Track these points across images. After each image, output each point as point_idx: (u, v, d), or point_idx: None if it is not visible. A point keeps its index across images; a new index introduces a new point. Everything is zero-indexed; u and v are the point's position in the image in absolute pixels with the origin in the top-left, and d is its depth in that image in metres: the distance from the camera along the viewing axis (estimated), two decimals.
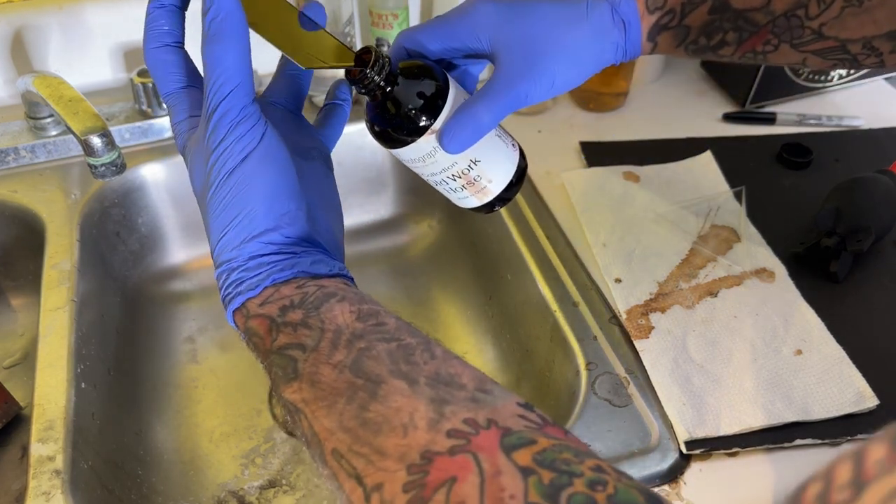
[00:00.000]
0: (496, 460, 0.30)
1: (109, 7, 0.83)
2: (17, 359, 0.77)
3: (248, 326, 0.40)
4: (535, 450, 0.30)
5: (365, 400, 0.35)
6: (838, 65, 0.48)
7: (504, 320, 0.80)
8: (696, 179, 0.80)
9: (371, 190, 0.92)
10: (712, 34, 0.48)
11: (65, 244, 0.73)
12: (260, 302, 0.40)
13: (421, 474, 0.31)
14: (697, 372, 0.61)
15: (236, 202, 0.41)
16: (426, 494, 0.30)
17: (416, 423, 0.33)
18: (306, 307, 0.39)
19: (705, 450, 0.56)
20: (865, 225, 0.70)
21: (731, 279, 0.69)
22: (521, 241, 0.74)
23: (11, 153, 0.81)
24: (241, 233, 0.41)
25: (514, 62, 0.45)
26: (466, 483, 0.30)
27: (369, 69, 0.41)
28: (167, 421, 0.75)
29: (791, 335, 0.64)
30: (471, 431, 0.32)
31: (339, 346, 0.37)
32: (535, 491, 0.29)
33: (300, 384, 0.37)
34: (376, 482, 0.32)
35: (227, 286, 0.41)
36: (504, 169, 0.47)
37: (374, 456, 0.33)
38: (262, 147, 0.40)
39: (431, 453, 0.32)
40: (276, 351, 0.38)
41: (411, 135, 0.43)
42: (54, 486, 0.55)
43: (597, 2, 0.47)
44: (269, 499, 0.69)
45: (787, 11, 0.47)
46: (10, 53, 0.82)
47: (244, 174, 0.40)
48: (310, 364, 0.37)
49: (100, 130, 0.65)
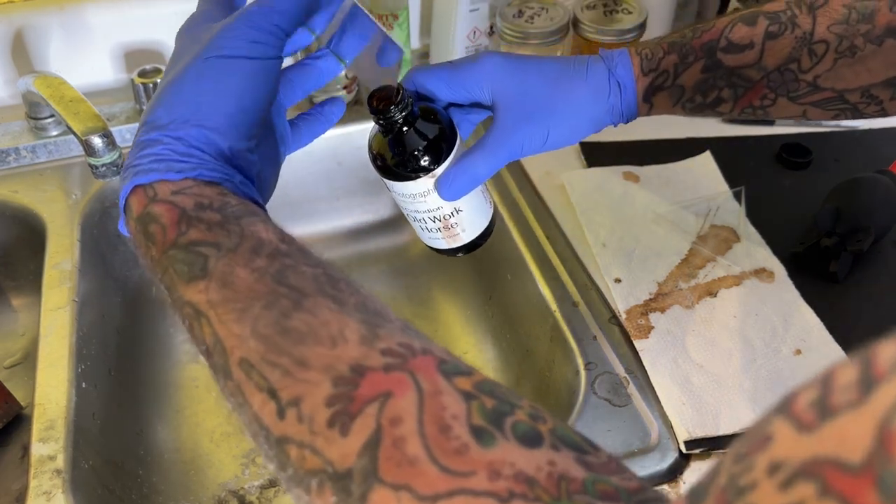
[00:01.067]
0: (436, 380, 0.28)
1: (110, 7, 0.83)
2: (17, 359, 0.77)
3: (147, 211, 0.36)
4: (474, 379, 0.29)
5: (287, 308, 0.31)
6: (840, 115, 0.48)
7: (504, 320, 0.80)
8: (695, 179, 0.80)
9: (371, 190, 0.92)
10: (707, 92, 0.48)
11: (66, 244, 0.73)
12: (175, 189, 0.36)
13: (349, 387, 0.28)
14: (697, 372, 0.61)
15: (214, 87, 0.37)
16: (353, 409, 0.28)
17: (347, 336, 0.30)
18: (226, 214, 0.35)
19: (705, 449, 0.56)
20: (865, 225, 0.70)
21: (730, 279, 0.69)
22: (521, 241, 0.74)
23: (12, 153, 0.81)
24: (197, 116, 0.37)
25: (511, 115, 0.46)
26: (403, 399, 0.28)
27: (394, 106, 0.43)
28: (168, 421, 0.75)
29: (790, 335, 0.64)
30: (407, 353, 0.30)
31: (260, 254, 0.33)
32: (478, 414, 0.27)
33: (208, 283, 0.33)
34: (294, 395, 0.29)
35: (144, 155, 0.37)
36: (479, 223, 0.49)
37: (293, 367, 0.30)
38: (268, 67, 0.39)
39: (363, 368, 0.29)
40: (183, 246, 0.34)
41: (412, 173, 0.45)
42: (55, 486, 0.55)
43: (596, 64, 0.48)
44: (270, 498, 0.69)
45: (779, 66, 0.47)
46: (10, 53, 0.82)
47: (240, 70, 0.38)
48: (223, 264, 0.33)
49: (101, 131, 0.65)
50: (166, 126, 0.37)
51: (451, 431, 0.26)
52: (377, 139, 0.46)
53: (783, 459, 0.18)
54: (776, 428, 0.19)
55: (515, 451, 0.26)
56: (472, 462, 0.26)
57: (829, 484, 0.16)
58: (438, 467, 0.26)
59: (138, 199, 0.37)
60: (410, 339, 0.31)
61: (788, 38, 0.46)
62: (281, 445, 0.29)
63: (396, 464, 0.26)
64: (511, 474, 0.25)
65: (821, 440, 0.17)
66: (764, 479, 0.18)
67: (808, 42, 0.46)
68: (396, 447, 0.26)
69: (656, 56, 0.48)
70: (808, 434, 0.17)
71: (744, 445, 0.19)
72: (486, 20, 0.87)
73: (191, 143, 0.37)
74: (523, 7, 0.84)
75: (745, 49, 0.47)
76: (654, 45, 0.49)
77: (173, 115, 0.37)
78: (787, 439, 0.18)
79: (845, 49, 0.45)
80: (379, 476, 0.26)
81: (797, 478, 0.17)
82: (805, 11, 0.46)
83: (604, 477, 0.26)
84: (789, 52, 0.46)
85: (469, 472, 0.26)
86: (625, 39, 0.82)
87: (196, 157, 0.37)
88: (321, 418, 0.28)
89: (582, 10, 0.83)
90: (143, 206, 0.36)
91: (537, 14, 0.83)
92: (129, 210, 0.37)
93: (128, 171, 0.38)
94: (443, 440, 0.26)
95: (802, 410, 0.18)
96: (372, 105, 0.43)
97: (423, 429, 0.27)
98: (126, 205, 0.38)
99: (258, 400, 0.30)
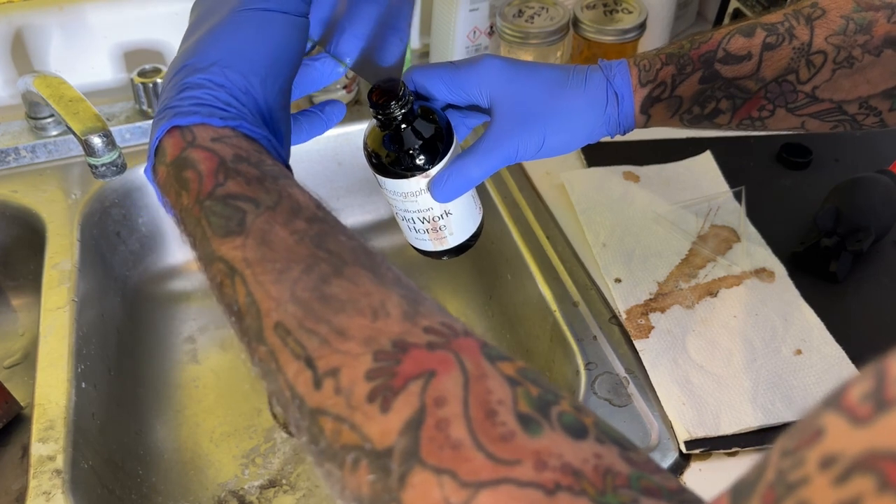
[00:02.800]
0: (480, 363, 0.27)
1: (110, 7, 0.83)
2: (17, 359, 0.77)
3: (184, 156, 0.34)
4: (516, 365, 0.28)
5: (327, 273, 0.30)
6: (838, 126, 0.48)
7: (504, 320, 0.80)
8: (695, 179, 0.80)
9: (371, 190, 0.92)
10: (705, 103, 0.48)
11: (65, 244, 0.73)
12: (214, 136, 0.34)
13: (391, 362, 0.27)
14: (697, 372, 0.61)
15: (255, 34, 0.37)
16: (396, 383, 0.27)
17: (389, 310, 0.29)
18: (263, 170, 0.34)
19: (705, 449, 0.56)
20: (865, 225, 0.70)
21: (730, 279, 0.69)
22: (521, 241, 0.74)
23: (12, 153, 0.81)
24: (238, 62, 0.36)
25: (507, 120, 0.46)
26: (448, 378, 0.26)
27: (395, 102, 0.43)
28: (167, 421, 0.75)
29: (791, 335, 0.64)
30: (450, 333, 0.29)
31: (299, 216, 0.32)
32: (524, 401, 0.26)
33: (245, 240, 0.31)
34: (332, 366, 0.28)
35: (185, 97, 0.35)
36: (467, 227, 0.49)
37: (331, 336, 0.28)
38: (299, 23, 0.38)
39: (406, 343, 0.28)
40: (220, 197, 0.32)
41: (406, 171, 0.45)
42: (55, 486, 0.55)
43: (594, 74, 0.48)
44: (270, 498, 0.69)
45: (777, 77, 0.47)
46: (10, 53, 0.82)
47: (276, 21, 0.37)
48: (262, 221, 0.32)
49: (100, 130, 0.65)
50: (207, 69, 0.36)
51: (496, 417, 0.26)
52: (373, 134, 0.46)
53: (837, 453, 0.17)
54: (828, 421, 0.18)
55: (562, 442, 0.25)
56: (519, 450, 0.25)
57: (888, 477, 0.16)
58: (484, 454, 0.25)
59: (174, 141, 0.35)
60: (451, 319, 0.30)
61: (786, 49, 0.46)
62: (315, 417, 0.28)
63: (439, 446, 0.25)
64: (558, 465, 0.25)
65: (878, 433, 0.16)
66: (816, 473, 0.17)
67: (806, 53, 0.46)
68: (440, 429, 0.25)
69: (654, 67, 0.48)
70: (863, 427, 0.17)
71: (792, 440, 0.19)
72: (487, 20, 0.87)
73: (231, 92, 0.36)
74: (523, 7, 0.84)
75: (742, 60, 0.47)
76: (652, 57, 0.49)
77: (213, 59, 0.36)
78: (840, 432, 0.17)
79: (843, 60, 0.45)
80: (420, 457, 0.25)
81: (854, 471, 0.16)
82: (803, 23, 0.46)
83: (647, 474, 0.25)
84: (787, 63, 0.46)
85: (515, 460, 0.25)
86: (625, 39, 0.82)
87: (235, 107, 0.36)
88: (360, 392, 0.27)
89: (582, 10, 0.83)
90: (179, 150, 0.34)
91: (537, 14, 0.83)
92: (162, 153, 0.35)
93: (164, 112, 0.36)
94: (489, 425, 0.25)
95: (856, 403, 0.17)
96: (372, 100, 0.43)
97: (469, 412, 0.26)
98: (158, 147, 0.36)
99: (293, 368, 0.29)
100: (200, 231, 0.33)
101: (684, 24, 1.00)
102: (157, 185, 0.36)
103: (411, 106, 0.44)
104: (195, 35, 0.39)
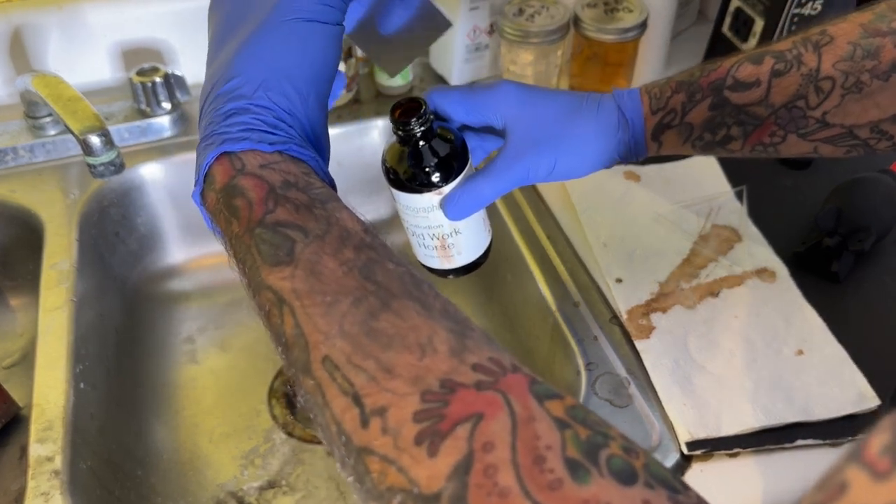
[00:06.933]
0: (529, 405, 0.27)
1: (109, 6, 0.83)
2: (15, 359, 0.77)
3: (234, 183, 0.34)
4: (566, 404, 0.27)
5: (375, 307, 0.30)
6: (851, 151, 0.48)
7: (504, 320, 0.80)
8: (696, 179, 0.80)
9: (371, 190, 0.92)
10: (716, 130, 0.49)
11: (63, 244, 0.73)
12: (263, 163, 0.34)
13: (439, 404, 0.27)
14: (698, 372, 0.61)
15: (300, 48, 0.36)
16: (443, 427, 0.26)
17: (436, 346, 0.29)
18: (312, 195, 0.34)
19: (706, 450, 0.56)
20: (866, 224, 0.69)
21: (732, 279, 0.69)
22: (522, 241, 0.74)
23: (10, 153, 0.81)
24: (282, 82, 0.35)
25: (520, 143, 0.47)
26: (496, 422, 0.26)
27: (416, 119, 0.44)
28: (166, 421, 0.75)
29: (792, 335, 0.63)
30: (498, 370, 0.28)
31: (347, 245, 0.32)
32: (572, 445, 0.26)
33: (294, 270, 0.31)
34: (379, 404, 0.28)
35: (233, 123, 0.35)
36: (475, 248, 0.51)
37: (378, 373, 0.28)
38: (337, 33, 0.38)
39: (454, 383, 0.27)
40: (269, 225, 0.33)
41: (421, 186, 0.46)
42: (53, 487, 0.55)
43: (607, 101, 0.49)
44: (269, 499, 0.69)
45: (786, 103, 0.47)
46: (8, 53, 0.82)
47: (317, 33, 0.37)
48: (311, 251, 0.32)
49: (98, 130, 0.64)
50: (252, 94, 0.36)
51: (545, 463, 0.25)
52: (392, 149, 0.47)
53: None
54: (851, 476, 0.18)
55: (611, 489, 0.25)
56: (566, 499, 0.25)
57: None
58: (531, 502, 0.25)
59: (224, 168, 0.35)
60: (499, 353, 0.29)
61: (794, 76, 0.47)
62: (361, 456, 0.28)
63: (487, 493, 0.25)
64: None
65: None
66: None
67: (815, 79, 0.46)
68: (487, 475, 0.25)
69: (665, 95, 0.49)
70: (884, 482, 0.17)
71: (818, 494, 0.19)
72: (487, 19, 0.87)
73: (277, 115, 0.36)
74: (524, 5, 0.84)
75: (751, 87, 0.47)
76: (662, 85, 0.50)
77: (257, 80, 0.36)
78: (862, 488, 0.18)
79: (851, 85, 0.46)
80: None
81: None
82: (811, 50, 0.47)
83: None
84: (796, 90, 0.47)
85: None
86: (626, 38, 0.82)
87: (283, 129, 0.36)
88: (408, 434, 0.27)
89: (583, 9, 0.83)
90: (229, 177, 0.34)
91: (538, 12, 0.83)
92: (211, 179, 0.35)
93: (212, 137, 0.36)
94: (536, 472, 0.25)
95: (876, 457, 0.18)
96: (394, 116, 0.45)
97: (517, 458, 0.25)
98: (208, 173, 0.36)
99: (340, 404, 0.29)
100: (251, 259, 0.33)
101: (685, 22, 1.00)
102: (207, 212, 0.36)
103: (430, 124, 0.45)
104: (229, 46, 0.38)
